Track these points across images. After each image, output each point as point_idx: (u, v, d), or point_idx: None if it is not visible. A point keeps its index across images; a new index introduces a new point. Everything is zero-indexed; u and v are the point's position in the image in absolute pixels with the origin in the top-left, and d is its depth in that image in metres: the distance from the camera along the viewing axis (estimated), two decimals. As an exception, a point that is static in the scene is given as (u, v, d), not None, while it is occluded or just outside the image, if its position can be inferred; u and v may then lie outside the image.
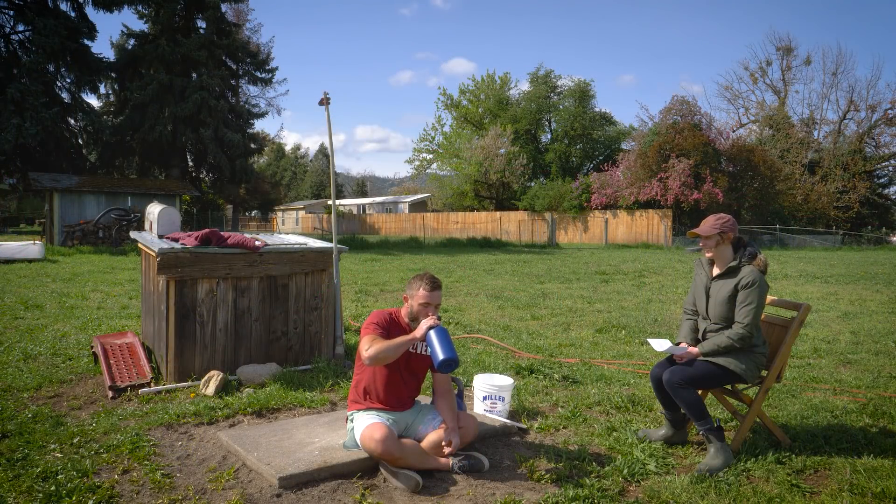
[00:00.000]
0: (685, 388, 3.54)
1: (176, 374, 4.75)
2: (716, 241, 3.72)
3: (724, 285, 3.66)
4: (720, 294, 3.66)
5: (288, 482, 3.13)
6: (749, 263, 3.65)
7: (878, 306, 9.67)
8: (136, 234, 6.00)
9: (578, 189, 34.77)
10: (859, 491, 3.12)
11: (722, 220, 3.73)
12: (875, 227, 37.83)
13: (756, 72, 44.02)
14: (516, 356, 6.00)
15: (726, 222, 3.71)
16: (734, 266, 3.67)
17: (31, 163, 25.06)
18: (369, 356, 3.21)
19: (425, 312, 3.39)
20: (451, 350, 3.13)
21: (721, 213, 3.82)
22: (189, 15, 29.22)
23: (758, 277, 3.57)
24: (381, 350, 3.21)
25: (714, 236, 3.71)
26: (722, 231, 3.69)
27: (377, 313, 3.50)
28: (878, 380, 5.27)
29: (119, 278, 12.27)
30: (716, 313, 3.68)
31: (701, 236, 3.73)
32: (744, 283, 3.57)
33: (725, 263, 3.73)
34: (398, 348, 3.25)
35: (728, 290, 3.63)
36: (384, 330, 3.39)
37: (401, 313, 3.56)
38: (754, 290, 3.54)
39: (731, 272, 3.68)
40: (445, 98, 48.47)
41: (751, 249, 3.71)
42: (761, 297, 3.55)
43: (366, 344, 3.28)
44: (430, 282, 3.43)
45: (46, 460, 3.36)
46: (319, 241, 5.64)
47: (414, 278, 3.50)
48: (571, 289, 11.70)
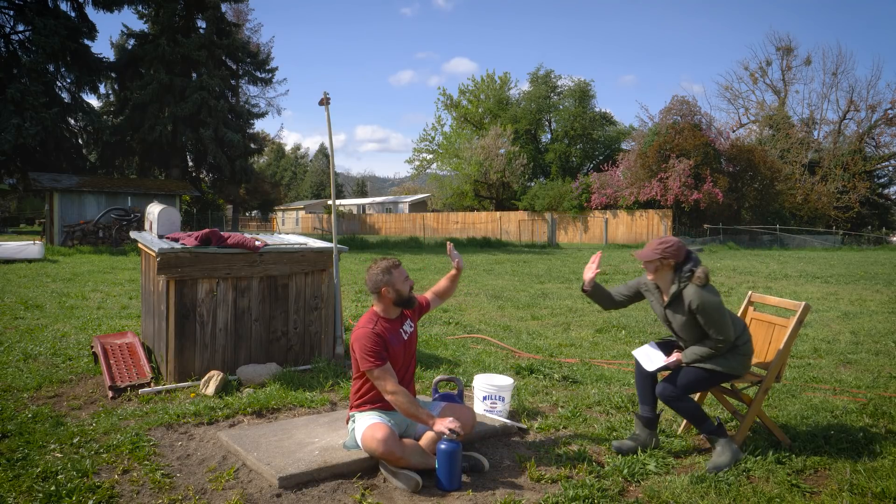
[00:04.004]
0: (681, 400, 3.52)
1: (176, 374, 4.75)
2: (655, 267, 3.60)
3: (677, 311, 3.59)
4: (679, 321, 3.60)
5: (288, 482, 3.13)
6: (687, 283, 3.52)
7: (878, 306, 9.67)
8: (136, 234, 6.00)
9: (578, 189, 34.76)
10: (859, 491, 3.12)
11: (665, 244, 3.58)
12: (875, 227, 37.85)
13: (756, 72, 44.09)
14: (516, 356, 6.01)
15: (669, 247, 3.56)
16: (676, 292, 3.55)
17: (31, 163, 25.06)
18: (394, 402, 3.28)
19: (410, 285, 3.51)
20: (457, 483, 3.15)
21: (668, 238, 3.67)
22: (189, 15, 29.20)
23: (704, 296, 3.45)
24: (400, 404, 3.27)
25: (655, 261, 3.58)
26: (663, 257, 3.56)
27: (365, 334, 3.37)
28: (878, 380, 5.27)
29: (119, 278, 12.28)
30: (685, 335, 3.63)
31: (641, 261, 3.61)
32: (694, 307, 3.47)
33: (668, 288, 3.62)
34: (409, 416, 3.30)
35: (683, 316, 3.55)
36: (385, 351, 3.36)
37: (380, 311, 3.50)
38: (707, 308, 3.44)
39: (676, 299, 3.57)
40: (445, 98, 48.50)
41: (688, 266, 3.55)
42: (718, 308, 3.46)
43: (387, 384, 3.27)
44: (394, 261, 3.51)
45: (46, 460, 3.36)
46: (319, 241, 5.64)
47: (378, 271, 3.45)
48: (571, 289, 11.69)
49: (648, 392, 3.74)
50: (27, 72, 23.06)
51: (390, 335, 3.44)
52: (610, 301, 3.92)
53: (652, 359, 3.72)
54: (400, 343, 3.49)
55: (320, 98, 5.98)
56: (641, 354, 3.78)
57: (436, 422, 3.24)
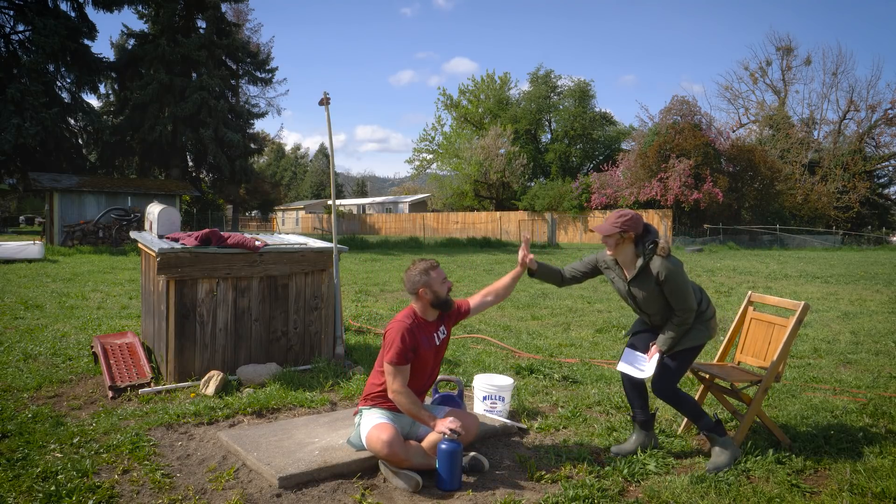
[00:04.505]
0: (677, 394, 3.53)
1: (176, 374, 4.75)
2: (616, 241, 3.54)
3: (643, 285, 3.53)
4: (643, 295, 3.54)
5: (288, 482, 3.13)
6: (653, 255, 3.48)
7: (878, 306, 9.67)
8: (136, 234, 6.00)
9: (578, 189, 34.78)
10: (859, 491, 3.12)
11: (624, 217, 3.52)
12: (875, 227, 37.85)
13: (756, 72, 44.07)
14: (516, 356, 6.01)
15: (627, 220, 3.50)
16: (643, 265, 3.50)
17: (31, 163, 25.05)
18: (396, 401, 3.32)
19: (448, 287, 3.52)
20: (457, 483, 3.16)
21: (624, 210, 3.62)
22: (189, 15, 29.20)
23: (670, 265, 3.43)
24: (403, 404, 3.31)
25: (615, 235, 3.52)
26: (623, 230, 3.50)
27: (401, 328, 3.38)
28: (878, 380, 5.27)
29: (119, 278, 12.28)
30: (650, 308, 3.60)
31: (600, 235, 3.56)
32: (662, 277, 3.44)
33: (631, 262, 3.56)
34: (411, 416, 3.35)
35: (650, 289, 3.51)
36: (411, 351, 3.36)
37: (418, 311, 3.51)
38: (674, 278, 3.43)
39: (642, 272, 3.52)
40: (445, 98, 48.52)
41: (650, 238, 3.51)
42: (683, 278, 3.46)
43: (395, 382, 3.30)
44: (433, 262, 3.53)
45: (46, 460, 3.36)
46: (319, 241, 5.64)
47: (417, 271, 3.47)
48: (571, 289, 11.70)
49: (637, 396, 3.71)
50: (27, 72, 23.05)
51: (423, 336, 3.44)
52: (560, 278, 3.84)
53: (637, 365, 3.65)
54: (431, 347, 3.48)
55: (320, 98, 5.98)
56: (625, 367, 3.69)
57: (437, 423, 3.25)
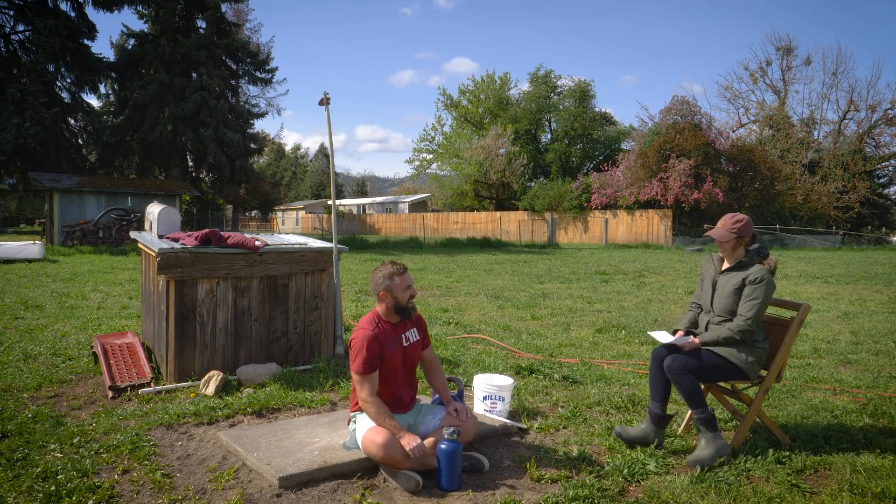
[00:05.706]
0: (686, 375, 3.52)
1: (176, 374, 4.75)
2: (732, 246, 3.68)
3: (731, 278, 3.65)
4: (727, 287, 3.64)
5: (288, 482, 3.13)
6: (760, 261, 3.63)
7: (878, 306, 9.67)
8: (136, 234, 6.00)
9: (578, 189, 34.76)
10: (859, 491, 3.12)
11: (739, 222, 3.64)
12: (875, 227, 37.84)
13: (756, 72, 44.11)
14: (516, 356, 6.00)
15: (743, 225, 3.64)
16: (744, 261, 3.65)
17: (31, 163, 25.06)
18: (365, 409, 3.30)
19: (410, 294, 3.42)
20: (457, 483, 3.15)
21: (737, 214, 3.72)
22: (189, 15, 29.21)
23: (766, 275, 3.55)
24: (371, 413, 3.26)
25: (731, 240, 3.66)
26: (739, 235, 3.64)
27: (363, 337, 3.32)
28: (878, 380, 5.27)
29: (119, 278, 12.28)
30: (720, 306, 3.66)
31: (717, 241, 3.68)
32: (752, 278, 3.55)
33: (734, 259, 3.72)
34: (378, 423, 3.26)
35: (735, 283, 3.61)
36: (377, 358, 3.32)
37: (382, 314, 3.47)
38: (761, 287, 3.52)
39: (740, 266, 3.65)
40: (445, 98, 48.54)
41: (760, 246, 3.67)
42: (767, 295, 3.54)
43: (363, 391, 3.27)
44: (399, 268, 3.44)
45: (46, 460, 3.36)
46: (319, 241, 5.64)
47: (381, 275, 3.41)
48: (571, 289, 11.70)
49: (662, 388, 3.71)
50: (27, 72, 23.06)
51: (388, 340, 3.41)
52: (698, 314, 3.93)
53: (665, 336, 3.75)
54: (398, 348, 3.45)
55: (320, 98, 5.98)
56: (656, 333, 3.81)
57: (405, 437, 3.18)
